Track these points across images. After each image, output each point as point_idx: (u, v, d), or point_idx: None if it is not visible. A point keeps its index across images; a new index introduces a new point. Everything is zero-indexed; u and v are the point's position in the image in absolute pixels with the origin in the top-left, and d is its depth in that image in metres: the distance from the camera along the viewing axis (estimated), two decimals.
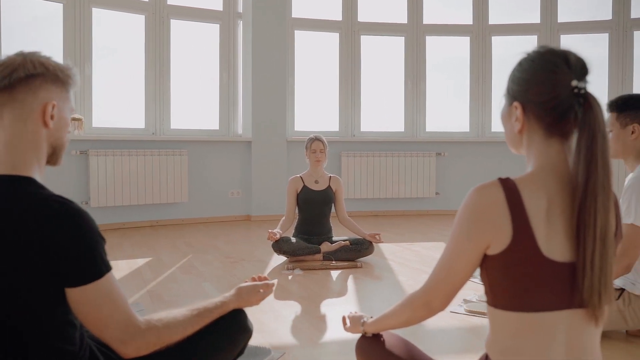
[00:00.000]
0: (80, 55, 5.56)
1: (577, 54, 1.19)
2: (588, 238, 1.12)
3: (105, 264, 1.29)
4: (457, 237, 1.20)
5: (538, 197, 1.14)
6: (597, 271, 1.12)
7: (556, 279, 1.14)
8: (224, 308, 1.55)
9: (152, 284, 3.42)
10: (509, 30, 6.90)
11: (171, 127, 6.12)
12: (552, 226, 1.13)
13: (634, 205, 2.26)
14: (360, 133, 6.79)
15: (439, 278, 1.26)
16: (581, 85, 1.15)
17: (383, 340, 1.52)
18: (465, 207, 1.18)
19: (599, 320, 1.16)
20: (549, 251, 1.12)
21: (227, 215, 6.24)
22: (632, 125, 2.38)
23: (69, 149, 5.30)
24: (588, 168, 1.12)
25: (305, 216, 4.16)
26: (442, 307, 1.29)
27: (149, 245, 4.69)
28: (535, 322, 1.15)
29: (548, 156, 1.19)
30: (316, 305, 2.97)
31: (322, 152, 4.13)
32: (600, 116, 1.13)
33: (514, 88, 1.24)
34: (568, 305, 1.14)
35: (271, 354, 2.20)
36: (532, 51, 1.22)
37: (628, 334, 2.46)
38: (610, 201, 1.13)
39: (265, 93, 6.27)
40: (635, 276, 2.36)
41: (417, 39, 6.83)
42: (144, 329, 1.34)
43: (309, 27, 6.70)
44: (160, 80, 6.03)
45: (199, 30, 6.41)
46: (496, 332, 1.22)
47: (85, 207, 5.39)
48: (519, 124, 1.22)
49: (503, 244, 1.14)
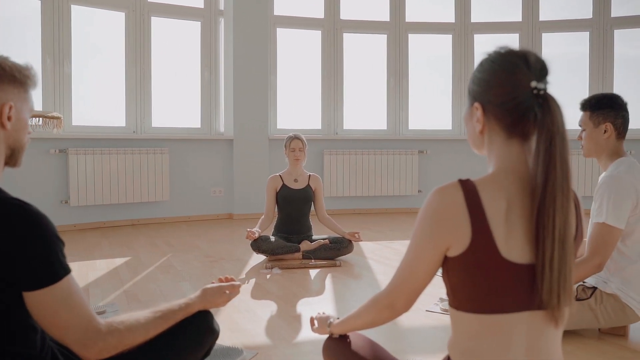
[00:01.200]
0: (59, 53, 5.49)
1: (537, 55, 1.19)
2: (547, 240, 1.11)
3: (64, 267, 1.27)
4: (417, 239, 1.20)
5: (497, 198, 1.14)
6: (555, 273, 1.12)
7: (515, 281, 1.14)
8: (189, 310, 1.54)
9: (128, 284, 3.39)
10: (491, 28, 6.92)
11: (152, 126, 6.07)
12: (512, 228, 1.13)
13: (605, 204, 2.28)
14: (343, 131, 6.79)
15: (402, 279, 1.25)
16: (540, 86, 1.15)
17: (349, 342, 1.51)
18: (425, 209, 1.18)
19: (558, 322, 1.16)
20: (508, 253, 1.12)
21: (209, 214, 6.20)
22: (605, 124, 2.40)
23: (47, 147, 5.25)
24: (546, 169, 1.12)
25: (284, 215, 4.15)
26: (406, 308, 1.29)
27: (128, 245, 4.65)
28: (494, 324, 1.15)
29: (508, 157, 1.19)
30: (293, 304, 2.96)
31: (301, 150, 4.12)
32: (560, 117, 1.13)
33: (474, 89, 1.23)
34: (527, 307, 1.14)
35: (243, 354, 2.19)
36: (492, 52, 1.22)
37: (601, 332, 2.48)
38: (570, 202, 1.13)
39: (247, 91, 6.24)
40: (607, 275, 2.37)
41: (399, 37, 6.84)
42: (105, 332, 1.33)
43: (291, 25, 6.67)
44: (141, 78, 5.98)
45: (180, 27, 6.36)
46: (457, 334, 1.22)
47: (65, 206, 5.35)
48: (480, 124, 1.22)
49: (462, 245, 1.13)
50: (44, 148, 5.25)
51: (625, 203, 2.26)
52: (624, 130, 2.42)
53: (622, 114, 2.40)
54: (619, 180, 2.28)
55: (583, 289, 2.38)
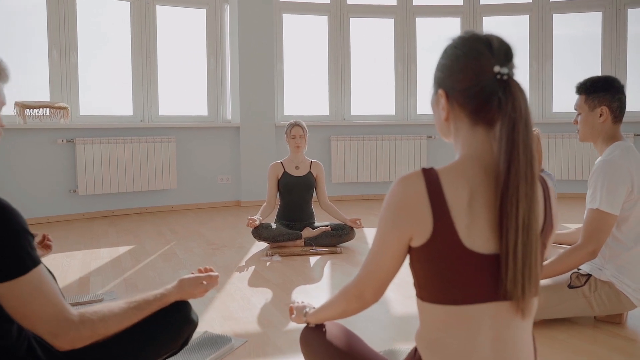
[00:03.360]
0: (65, 44, 5.52)
1: (502, 39, 1.16)
2: (510, 229, 1.09)
3: (32, 259, 1.28)
4: (381, 229, 1.18)
5: (459, 187, 1.12)
6: (519, 263, 1.09)
7: (480, 271, 1.12)
8: (164, 300, 1.55)
9: (129, 272, 3.42)
10: (501, 10, 6.79)
11: (159, 114, 6.10)
12: (475, 217, 1.11)
13: (599, 190, 2.23)
14: (351, 117, 6.75)
15: (369, 270, 1.24)
16: (504, 71, 1.12)
17: (325, 331, 1.51)
18: (388, 198, 1.17)
19: (525, 313, 1.14)
20: (471, 243, 1.10)
21: (216, 202, 6.23)
22: (600, 108, 2.34)
23: (54, 137, 5.31)
24: (509, 157, 1.09)
25: (286, 202, 4.15)
26: (375, 298, 1.28)
27: (134, 233, 4.69)
28: (460, 315, 1.13)
29: (473, 145, 1.17)
30: (289, 292, 2.97)
31: (302, 137, 4.10)
32: (523, 102, 1.10)
33: (438, 75, 1.21)
34: (493, 298, 1.12)
35: (231, 342, 2.19)
36: (456, 37, 1.19)
37: (596, 319, 2.45)
38: (534, 190, 1.10)
39: (253, 78, 6.22)
40: (602, 262, 2.33)
41: (407, 21, 6.74)
42: (78, 322, 1.34)
43: (297, 11, 6.62)
44: (147, 67, 5.99)
45: (185, 15, 6.35)
46: (424, 325, 1.21)
47: (74, 195, 5.41)
48: (445, 112, 1.20)
49: (424, 235, 1.12)
50: (51, 138, 5.30)
51: (620, 188, 2.21)
52: (620, 114, 2.36)
53: (619, 97, 2.34)
54: (613, 165, 2.23)
55: (577, 276, 2.34)
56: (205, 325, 2.42)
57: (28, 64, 5.52)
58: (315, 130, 6.33)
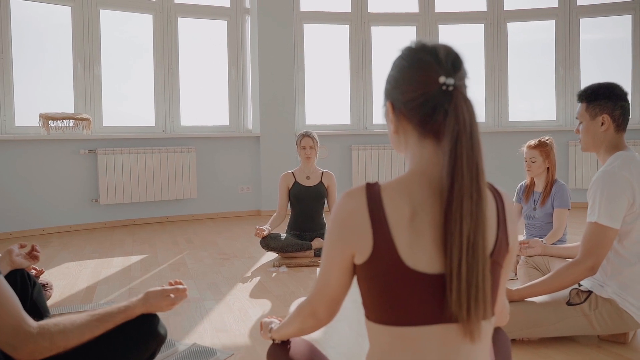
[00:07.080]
0: (89, 56, 5.66)
1: (450, 48, 1.12)
2: (454, 247, 1.04)
3: None
4: (327, 244, 1.15)
5: (401, 203, 1.07)
6: (464, 283, 1.04)
7: (424, 292, 1.06)
8: (129, 313, 1.54)
9: (136, 282, 3.46)
10: (525, 15, 6.64)
11: (181, 124, 6.18)
12: (418, 235, 1.06)
13: (597, 203, 2.12)
14: (372, 126, 6.69)
15: (318, 287, 1.21)
16: (449, 82, 1.07)
17: (289, 348, 1.48)
18: (332, 212, 1.14)
19: (474, 337, 1.07)
20: (413, 262, 1.05)
21: (236, 211, 6.26)
22: (602, 117, 2.24)
23: (76, 148, 5.43)
24: (452, 172, 1.04)
25: (297, 212, 4.13)
26: (329, 316, 1.25)
27: (150, 242, 4.75)
28: (405, 337, 1.08)
29: (421, 159, 1.13)
30: (287, 304, 2.93)
31: (312, 148, 4.08)
32: (467, 114, 1.05)
33: (387, 87, 1.17)
34: (439, 319, 1.07)
35: (216, 355, 2.18)
36: (405, 47, 1.15)
37: (600, 338, 2.33)
38: (480, 207, 1.05)
39: (274, 88, 6.25)
40: (603, 278, 2.22)
41: (429, 28, 6.67)
42: (36, 334, 1.35)
43: (318, 20, 6.62)
44: (169, 77, 6.09)
45: (206, 27, 6.44)
46: (372, 346, 1.16)
47: (95, 204, 5.53)
48: (392, 124, 1.16)
49: (365, 253, 1.08)
50: (74, 149, 5.43)
51: (620, 201, 2.10)
52: (623, 122, 2.25)
53: (621, 105, 2.23)
54: (612, 175, 2.12)
55: (577, 293, 2.23)
56: (196, 337, 2.42)
57: (55, 78, 5.68)
58: (337, 139, 6.31)
